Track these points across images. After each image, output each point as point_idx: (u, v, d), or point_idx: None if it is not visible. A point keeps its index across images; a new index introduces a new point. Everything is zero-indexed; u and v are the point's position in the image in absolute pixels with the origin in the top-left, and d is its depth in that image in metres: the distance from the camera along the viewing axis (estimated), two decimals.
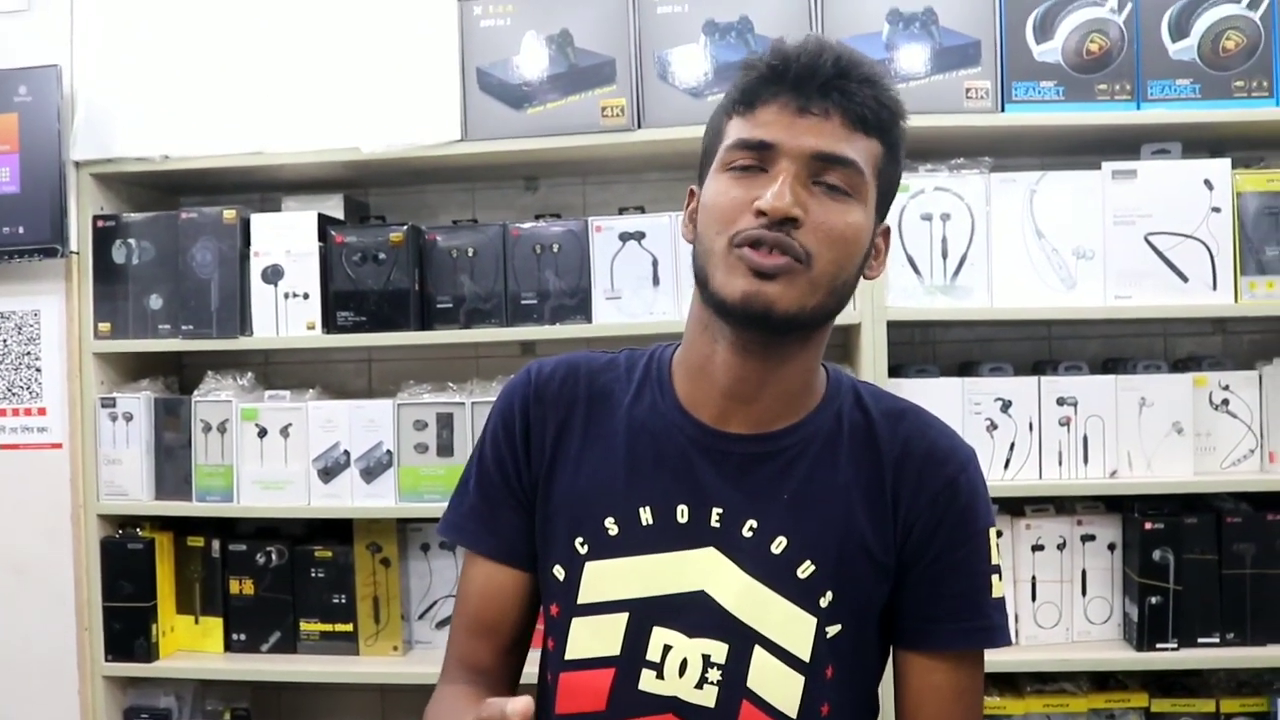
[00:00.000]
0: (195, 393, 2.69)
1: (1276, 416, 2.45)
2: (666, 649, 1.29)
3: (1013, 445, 2.44)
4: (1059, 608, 2.50)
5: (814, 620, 1.28)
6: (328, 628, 2.66)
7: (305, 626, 2.67)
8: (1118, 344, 2.75)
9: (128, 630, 2.64)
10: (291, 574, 2.67)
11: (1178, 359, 2.65)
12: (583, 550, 1.32)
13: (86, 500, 2.68)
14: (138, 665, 2.65)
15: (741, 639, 1.28)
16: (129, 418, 2.67)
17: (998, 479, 2.43)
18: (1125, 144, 2.53)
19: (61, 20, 2.68)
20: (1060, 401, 2.45)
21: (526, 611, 1.41)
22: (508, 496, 1.39)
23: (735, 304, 1.20)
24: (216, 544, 2.71)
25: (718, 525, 1.29)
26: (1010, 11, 2.45)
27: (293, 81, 2.61)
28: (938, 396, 2.45)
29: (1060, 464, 2.45)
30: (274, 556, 2.68)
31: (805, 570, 1.28)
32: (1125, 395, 2.44)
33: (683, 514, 1.30)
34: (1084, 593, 2.51)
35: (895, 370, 2.51)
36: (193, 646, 2.73)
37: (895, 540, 1.31)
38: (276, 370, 2.96)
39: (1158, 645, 2.40)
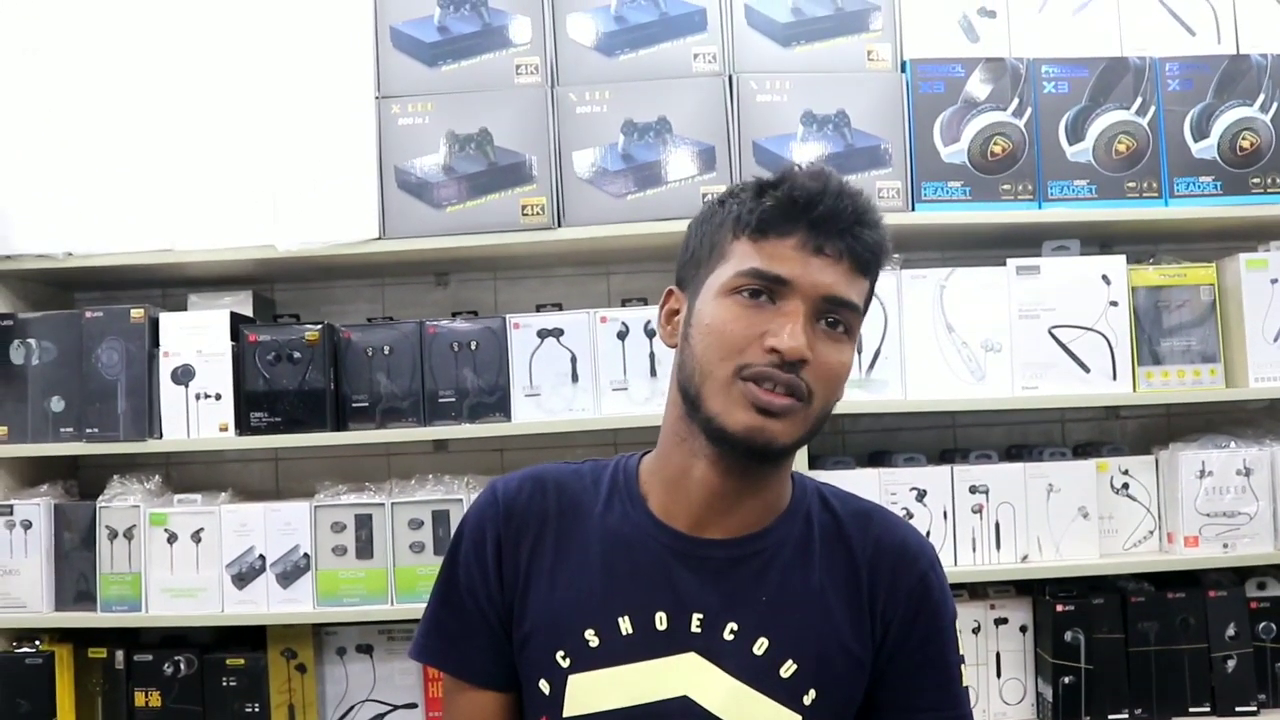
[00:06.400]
0: (100, 498, 2.58)
1: (1173, 499, 2.55)
2: None
3: (928, 534, 2.49)
4: (975, 690, 2.56)
5: (799, 718, 1.29)
6: None
7: None
8: (1020, 430, 2.86)
9: None
10: (201, 684, 2.57)
11: (1077, 444, 2.75)
12: (565, 663, 1.31)
13: None
14: None
15: None
16: (27, 525, 2.55)
17: None
18: (1028, 240, 2.64)
19: None
20: (973, 490, 2.53)
21: None
22: (480, 620, 1.37)
23: (737, 436, 1.22)
24: (120, 655, 2.59)
25: (698, 630, 1.29)
26: (919, 115, 2.55)
27: (202, 177, 2.55)
28: (854, 487, 2.43)
29: (974, 550, 2.52)
30: (182, 666, 2.57)
31: (788, 670, 1.29)
32: (1034, 482, 2.53)
33: (661, 621, 1.29)
34: (999, 674, 2.58)
35: (813, 461, 2.55)
36: None
37: (872, 636, 1.33)
38: (180, 472, 2.86)
39: None
